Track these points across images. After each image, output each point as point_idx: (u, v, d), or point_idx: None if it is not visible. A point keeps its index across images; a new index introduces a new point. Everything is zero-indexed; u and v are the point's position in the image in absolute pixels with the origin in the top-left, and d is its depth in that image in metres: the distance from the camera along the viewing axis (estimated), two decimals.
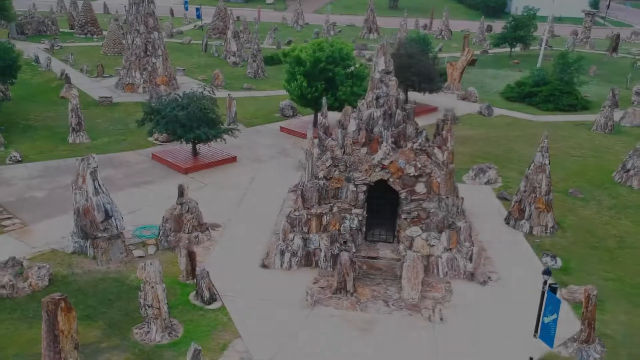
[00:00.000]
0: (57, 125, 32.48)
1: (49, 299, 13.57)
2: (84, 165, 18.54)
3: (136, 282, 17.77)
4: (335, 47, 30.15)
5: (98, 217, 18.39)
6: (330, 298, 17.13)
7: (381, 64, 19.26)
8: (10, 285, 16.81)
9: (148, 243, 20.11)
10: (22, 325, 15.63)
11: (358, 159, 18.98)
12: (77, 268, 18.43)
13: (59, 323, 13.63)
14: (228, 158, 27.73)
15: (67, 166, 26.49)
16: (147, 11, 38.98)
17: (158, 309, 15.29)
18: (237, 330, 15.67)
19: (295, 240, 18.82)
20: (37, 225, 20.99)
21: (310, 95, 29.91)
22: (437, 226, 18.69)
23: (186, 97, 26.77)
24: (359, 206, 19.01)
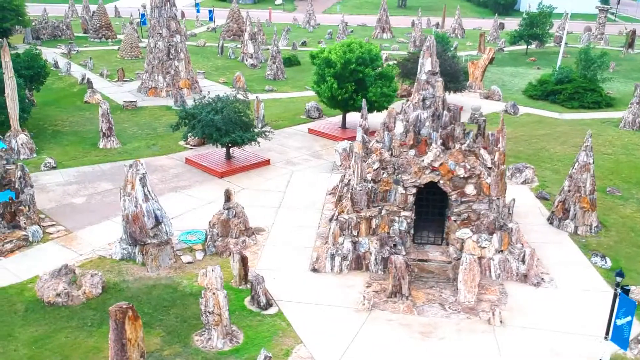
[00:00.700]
0: (85, 130, 32.44)
1: (116, 307, 13.52)
2: (133, 172, 18.47)
3: (189, 289, 17.74)
4: (364, 48, 30.04)
5: (148, 224, 18.31)
6: (386, 302, 17.03)
7: (427, 65, 19.17)
8: (65, 294, 16.75)
9: (195, 248, 20.02)
10: (82, 334, 15.57)
11: (406, 161, 18.87)
12: (127, 275, 18.35)
13: (126, 332, 13.58)
14: (262, 161, 27.65)
15: (101, 172, 26.46)
16: (169, 14, 38.92)
17: (219, 316, 15.20)
18: (297, 336, 15.57)
19: (345, 243, 18.72)
20: (81, 232, 20.92)
21: (341, 97, 29.82)
22: (488, 228, 18.57)
23: (220, 100, 26.66)
24: (408, 209, 18.91)
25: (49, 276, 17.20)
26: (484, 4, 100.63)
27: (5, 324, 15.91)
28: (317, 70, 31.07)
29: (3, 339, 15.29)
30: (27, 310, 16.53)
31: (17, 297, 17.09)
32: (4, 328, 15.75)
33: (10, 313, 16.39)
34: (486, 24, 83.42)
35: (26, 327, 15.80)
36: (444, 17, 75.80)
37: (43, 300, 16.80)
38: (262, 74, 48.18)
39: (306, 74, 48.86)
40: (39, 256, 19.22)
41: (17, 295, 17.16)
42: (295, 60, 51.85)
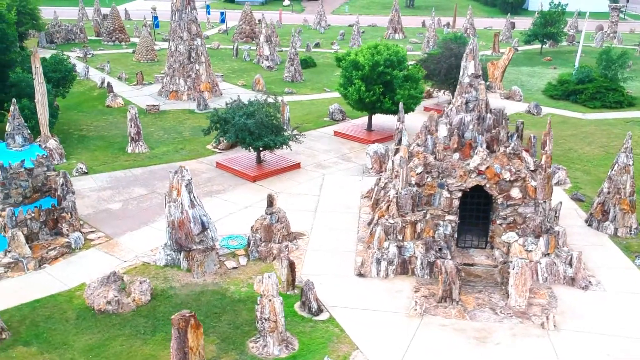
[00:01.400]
0: (111, 135, 32.44)
1: (179, 316, 13.50)
2: (179, 178, 18.44)
3: (237, 295, 17.72)
4: (392, 51, 30.00)
5: (194, 230, 18.28)
6: (436, 307, 16.98)
7: (471, 68, 19.12)
8: (115, 301, 16.73)
9: (238, 253, 19.98)
10: (136, 342, 15.54)
11: (451, 164, 18.83)
12: (174, 281, 18.33)
13: (188, 340, 13.55)
14: (292, 165, 27.61)
15: (134, 177, 26.45)
16: (190, 18, 38.91)
17: (275, 322, 15.16)
18: (353, 342, 15.53)
19: (390, 248, 18.67)
20: (121, 238, 20.90)
21: (368, 99, 29.77)
22: (534, 231, 18.51)
23: (251, 104, 26.63)
24: (452, 212, 18.87)
25: (98, 284, 17.18)
26: (492, 3, 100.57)
27: (59, 332, 15.89)
28: (343, 73, 30.99)
29: (59, 348, 15.27)
30: (78, 318, 16.50)
31: (66, 304, 17.07)
32: (57, 336, 15.73)
33: (62, 321, 16.36)
34: (496, 23, 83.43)
35: (80, 336, 15.77)
36: (455, 17, 75.71)
37: (93, 308, 16.77)
38: (279, 76, 48.13)
39: (323, 76, 48.94)
40: (83, 263, 19.21)
41: (67, 303, 17.14)
42: (311, 61, 51.82)
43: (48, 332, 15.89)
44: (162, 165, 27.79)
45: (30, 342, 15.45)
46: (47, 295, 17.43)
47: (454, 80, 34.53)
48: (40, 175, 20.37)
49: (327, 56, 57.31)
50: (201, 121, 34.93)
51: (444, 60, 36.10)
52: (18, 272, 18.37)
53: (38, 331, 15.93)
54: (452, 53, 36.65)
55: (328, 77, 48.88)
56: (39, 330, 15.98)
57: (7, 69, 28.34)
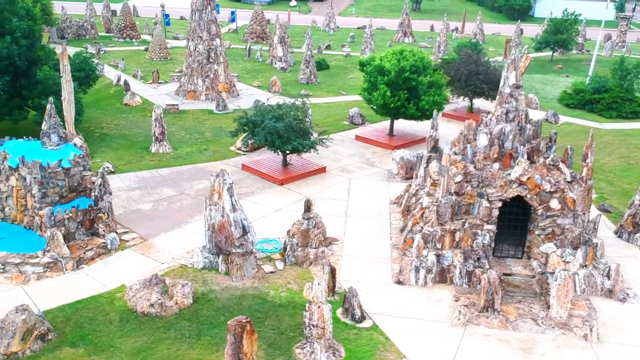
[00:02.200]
0: (133, 134, 32.40)
1: (236, 322, 13.49)
2: (220, 181, 18.45)
3: (277, 299, 17.74)
4: (417, 57, 30.07)
5: (235, 233, 18.30)
6: (478, 317, 17.05)
7: (512, 79, 19.21)
8: (159, 304, 16.72)
9: (274, 258, 19.99)
10: (183, 346, 15.54)
11: (491, 174, 18.90)
12: (213, 285, 18.32)
13: (243, 346, 13.55)
14: (318, 169, 27.65)
15: (161, 177, 26.42)
16: (209, 18, 38.89)
17: (322, 329, 15.19)
18: (399, 351, 15.59)
19: (429, 256, 18.73)
20: (156, 239, 20.88)
21: (393, 105, 29.83)
22: (572, 242, 18.61)
23: (280, 107, 26.65)
24: (491, 222, 18.93)
25: (140, 286, 17.17)
26: (498, 9, 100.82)
27: (104, 334, 15.87)
28: (367, 78, 31.04)
29: (106, 350, 15.25)
30: (122, 320, 16.48)
31: (108, 306, 17.04)
32: (103, 338, 15.71)
33: (106, 323, 16.34)
34: (503, 29, 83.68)
35: (125, 338, 15.75)
36: (463, 22, 75.95)
37: (136, 310, 16.76)
38: (293, 77, 48.14)
39: (337, 78, 49.02)
40: (120, 264, 19.18)
41: (109, 305, 17.11)
42: (324, 64, 51.86)
43: (93, 334, 15.86)
44: (187, 167, 27.78)
45: (76, 344, 15.42)
46: (89, 297, 17.39)
47: (474, 87, 34.76)
48: (77, 174, 20.33)
49: (339, 58, 57.43)
50: (221, 122, 35.03)
51: (464, 67, 36.20)
52: (57, 272, 18.33)
53: (83, 332, 15.89)
54: (472, 60, 36.76)
55: (342, 79, 48.98)
56: (84, 331, 15.95)
57: (33, 65, 28.23)
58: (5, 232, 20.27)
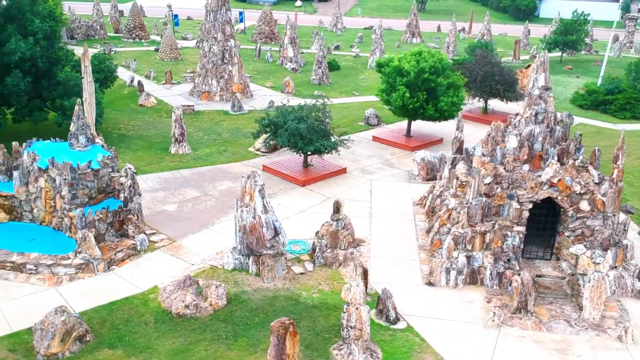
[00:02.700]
0: (151, 134, 32.44)
1: (279, 323, 13.58)
2: (251, 183, 18.49)
3: (310, 301, 17.79)
4: (436, 58, 30.12)
5: (267, 235, 18.35)
6: (512, 318, 17.10)
7: (541, 80, 19.25)
8: (193, 305, 16.76)
9: (302, 259, 20.04)
10: (220, 347, 15.59)
11: (521, 176, 18.94)
12: (244, 286, 18.37)
13: (286, 347, 13.61)
14: (338, 170, 27.70)
15: (183, 178, 26.46)
16: (224, 19, 38.92)
17: (360, 330, 15.24)
18: (436, 352, 15.64)
19: (459, 257, 18.78)
20: (184, 240, 20.93)
21: (412, 106, 29.87)
22: (602, 244, 18.66)
23: (301, 108, 26.70)
24: (521, 223, 18.97)
25: (174, 287, 17.21)
26: (503, 9, 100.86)
27: (140, 336, 15.92)
28: (386, 79, 31.08)
29: (143, 351, 15.30)
30: (157, 321, 16.52)
31: (143, 307, 17.09)
32: (140, 340, 15.76)
33: (142, 324, 16.39)
34: (509, 29, 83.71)
35: (162, 340, 15.80)
36: (471, 23, 76.02)
37: (170, 311, 16.81)
38: (305, 78, 48.15)
39: (349, 79, 49.04)
40: (151, 265, 19.22)
41: (143, 306, 17.16)
42: (335, 64, 51.87)
43: (130, 335, 15.91)
44: (208, 167, 27.83)
45: (114, 345, 15.46)
46: (122, 298, 17.44)
47: (489, 88, 34.82)
48: (105, 176, 20.38)
49: (349, 59, 57.48)
50: (237, 122, 35.09)
51: (479, 68, 36.24)
52: (89, 274, 18.37)
53: (120, 334, 15.94)
54: (488, 61, 36.81)
55: (353, 80, 49.01)
56: (121, 333, 15.99)
57: (53, 66, 28.28)
58: (35, 233, 20.34)
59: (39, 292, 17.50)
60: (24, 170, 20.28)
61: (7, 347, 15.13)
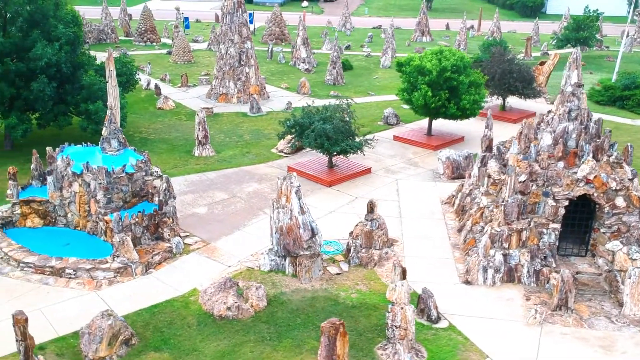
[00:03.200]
0: (172, 137, 32.52)
1: (329, 323, 13.59)
2: (287, 184, 18.54)
3: (349, 301, 17.83)
4: (457, 56, 30.14)
5: (304, 236, 18.40)
6: (552, 315, 17.10)
7: (574, 77, 19.26)
8: (235, 307, 16.82)
9: (337, 259, 20.08)
10: (266, 348, 15.64)
11: (556, 173, 18.95)
12: (283, 287, 18.42)
13: (337, 348, 13.64)
14: (363, 170, 27.74)
15: (210, 181, 26.53)
16: (240, 21, 38.97)
17: (405, 330, 15.27)
18: (481, 350, 15.66)
19: (496, 256, 18.79)
20: (218, 242, 21.00)
21: (434, 105, 29.89)
22: (638, 240, 18.65)
23: (326, 109, 26.75)
24: (557, 221, 18.98)
25: (214, 289, 17.28)
26: (510, 6, 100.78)
27: (185, 339, 15.98)
28: (406, 78, 31.11)
29: (190, 354, 15.36)
30: (200, 324, 16.58)
31: (184, 310, 17.16)
32: (185, 342, 15.82)
33: (185, 327, 16.45)
34: (517, 26, 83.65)
35: (207, 342, 15.86)
36: (480, 20, 76.00)
37: (212, 313, 16.87)
38: (318, 78, 48.20)
39: (362, 79, 49.12)
40: (188, 268, 19.29)
41: (184, 309, 17.23)
42: (348, 64, 51.92)
43: (174, 338, 15.97)
44: (234, 169, 27.90)
45: (160, 348, 15.52)
46: (163, 301, 17.51)
47: (508, 86, 34.82)
48: (139, 180, 20.45)
49: (360, 59, 57.54)
50: (257, 124, 35.17)
51: (497, 66, 36.24)
52: (127, 277, 18.45)
53: (164, 337, 16.00)
54: (505, 59, 36.82)
55: (367, 80, 49.05)
56: (165, 336, 16.06)
57: (77, 71, 28.38)
58: (70, 238, 20.42)
59: (80, 296, 17.57)
60: (58, 175, 20.34)
61: (55, 351, 15.20)
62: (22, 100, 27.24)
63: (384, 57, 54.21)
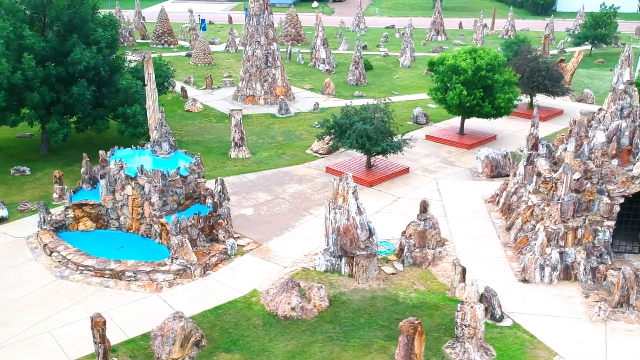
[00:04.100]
0: (206, 139, 32.64)
1: (408, 323, 13.68)
2: (344, 185, 18.64)
3: (409, 300, 17.92)
4: (491, 55, 30.21)
5: (362, 236, 18.48)
6: (614, 312, 17.16)
7: (626, 75, 19.37)
8: (300, 307, 16.91)
9: (390, 259, 20.16)
10: (335, 348, 15.73)
11: (610, 171, 19.01)
12: (341, 287, 18.51)
13: (414, 347, 13.73)
14: (402, 170, 27.81)
15: (250, 182, 26.62)
16: (267, 22, 39.07)
17: (474, 329, 15.35)
18: (549, 348, 15.74)
19: (552, 254, 18.86)
20: (269, 243, 21.09)
21: (469, 103, 29.95)
22: None
23: (365, 109, 26.84)
24: (611, 218, 19.04)
25: (277, 290, 17.38)
26: (520, 4, 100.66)
27: (253, 339, 16.08)
28: (440, 77, 31.17)
29: (260, 355, 15.46)
30: (265, 324, 16.68)
31: (248, 311, 17.26)
32: (253, 343, 15.92)
33: (250, 327, 16.54)
34: (530, 24, 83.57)
35: (275, 342, 15.95)
36: (493, 19, 76.01)
37: (277, 314, 16.96)
38: (340, 79, 48.26)
39: (384, 79, 49.16)
40: (245, 269, 19.40)
41: (247, 310, 17.33)
42: (368, 64, 51.91)
43: (242, 339, 16.07)
44: (272, 171, 28.00)
45: (230, 349, 15.63)
46: (226, 302, 17.61)
47: (537, 84, 34.87)
48: (192, 182, 20.56)
49: (378, 59, 57.57)
50: (287, 125, 35.28)
51: (526, 64, 36.29)
52: (186, 279, 18.55)
53: (232, 338, 16.11)
54: (533, 57, 36.88)
55: (389, 79, 49.12)
56: (232, 337, 16.16)
57: (113, 74, 28.52)
58: (123, 241, 20.52)
59: (142, 298, 17.67)
60: (111, 179, 20.46)
61: (127, 353, 15.31)
62: (62, 104, 27.36)
63: (403, 56, 54.28)
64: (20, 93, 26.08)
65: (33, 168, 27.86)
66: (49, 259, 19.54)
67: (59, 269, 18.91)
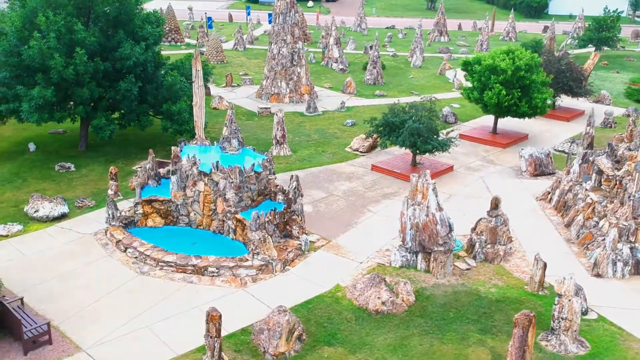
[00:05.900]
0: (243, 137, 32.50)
1: (523, 315, 13.96)
2: (423, 181, 18.91)
3: (491, 295, 18.24)
4: (529, 56, 30.76)
5: (442, 232, 18.77)
6: None
7: None
8: (390, 302, 17.13)
9: (461, 255, 20.48)
10: (434, 341, 15.99)
11: None
12: (420, 282, 18.77)
13: (528, 339, 14.04)
14: (446, 168, 28.18)
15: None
16: (293, 21, 39.17)
17: (570, 321, 15.73)
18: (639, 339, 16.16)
19: (624, 249, 19.36)
20: (338, 240, 21.27)
21: (507, 103, 30.45)
22: None
23: (413, 107, 27.15)
24: None
25: (364, 285, 17.59)
26: (512, 7, 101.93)
27: (350, 332, 16.27)
28: (477, 77, 31.61)
29: (361, 348, 15.66)
30: (357, 318, 16.87)
31: (337, 305, 17.43)
32: (351, 337, 16.11)
33: (344, 321, 16.73)
34: (527, 27, 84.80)
35: (372, 336, 16.15)
36: (493, 21, 76.96)
37: (367, 308, 17.16)
38: (355, 78, 48.42)
39: (400, 78, 49.60)
40: (322, 265, 19.54)
41: (336, 304, 17.49)
42: (382, 64, 52.20)
43: (339, 333, 16.25)
44: (318, 168, 28.16)
45: (331, 343, 15.79)
46: (313, 297, 17.75)
47: (562, 85, 35.56)
48: (264, 178, 20.63)
49: (388, 58, 57.91)
50: (318, 124, 35.46)
51: (551, 66, 36.94)
52: (268, 274, 18.65)
53: (329, 332, 16.27)
54: (557, 58, 37.58)
55: (404, 79, 49.56)
56: (329, 330, 16.32)
57: (157, 70, 28.41)
58: (194, 237, 20.51)
59: (230, 293, 17.72)
60: (182, 175, 20.44)
61: (231, 348, 15.37)
62: (106, 100, 27.18)
63: (414, 56, 54.74)
64: (68, 88, 25.85)
65: (76, 165, 27.60)
66: (124, 255, 19.46)
67: (137, 265, 18.84)
